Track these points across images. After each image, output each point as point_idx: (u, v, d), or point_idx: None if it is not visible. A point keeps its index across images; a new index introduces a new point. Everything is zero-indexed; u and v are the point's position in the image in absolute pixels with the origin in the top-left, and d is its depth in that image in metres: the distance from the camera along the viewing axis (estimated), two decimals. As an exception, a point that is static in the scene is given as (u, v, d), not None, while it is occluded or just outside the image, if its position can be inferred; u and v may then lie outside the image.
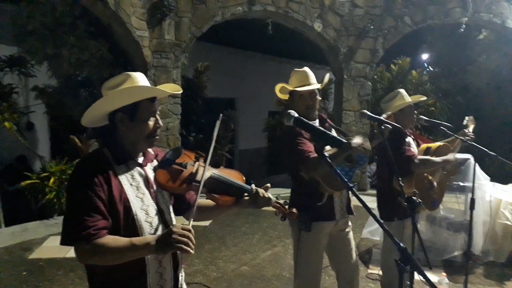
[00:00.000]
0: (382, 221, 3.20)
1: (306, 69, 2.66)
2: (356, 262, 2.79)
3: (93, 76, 6.92)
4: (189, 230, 1.30)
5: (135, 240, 1.35)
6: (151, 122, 1.52)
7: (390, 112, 2.88)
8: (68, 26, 6.28)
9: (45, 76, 6.97)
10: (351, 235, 2.76)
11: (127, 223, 1.43)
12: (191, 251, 1.27)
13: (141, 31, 6.67)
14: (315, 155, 2.33)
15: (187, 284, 1.72)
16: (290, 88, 2.62)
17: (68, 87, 7.09)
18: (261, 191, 1.66)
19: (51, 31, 6.22)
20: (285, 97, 2.73)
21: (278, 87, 2.71)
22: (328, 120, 2.77)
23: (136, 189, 1.49)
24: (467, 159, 4.58)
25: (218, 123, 1.66)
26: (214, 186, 1.58)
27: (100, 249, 1.33)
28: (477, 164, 3.39)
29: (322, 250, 2.67)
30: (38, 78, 7.06)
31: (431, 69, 10.69)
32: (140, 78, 1.52)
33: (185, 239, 1.27)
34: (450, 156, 3.07)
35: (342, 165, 2.49)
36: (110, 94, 1.47)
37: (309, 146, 2.40)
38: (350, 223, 2.77)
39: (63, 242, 1.39)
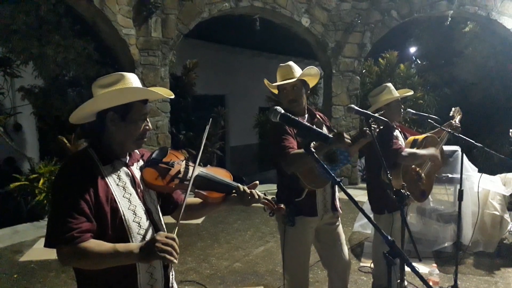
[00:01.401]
0: (372, 214, 3.25)
1: (290, 63, 2.66)
2: (348, 257, 2.78)
3: (80, 76, 6.84)
4: (173, 239, 1.28)
5: (119, 246, 1.33)
6: (141, 124, 1.51)
7: (382, 112, 2.89)
8: (53, 25, 6.20)
9: (31, 77, 6.88)
10: (340, 229, 2.76)
11: (114, 224, 1.42)
12: (175, 260, 1.26)
13: (128, 29, 6.60)
14: (296, 151, 2.37)
15: (180, 282, 1.72)
16: (273, 85, 2.67)
17: (55, 87, 7.00)
18: (248, 189, 1.65)
19: (35, 30, 6.13)
20: (276, 91, 2.76)
21: (266, 82, 2.77)
22: (318, 114, 2.77)
23: (123, 189, 1.48)
24: (455, 151, 4.64)
25: (207, 127, 1.69)
26: (202, 184, 1.58)
27: (82, 253, 1.31)
28: (464, 156, 3.43)
29: (308, 244, 2.67)
30: (24, 79, 6.96)
31: (419, 62, 10.78)
32: (133, 79, 1.52)
33: (169, 248, 1.26)
34: (437, 154, 3.11)
35: (325, 163, 2.50)
36: (104, 92, 1.46)
37: (291, 142, 2.43)
38: (339, 218, 2.76)
39: (47, 244, 1.37)
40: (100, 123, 1.49)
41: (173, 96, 1.63)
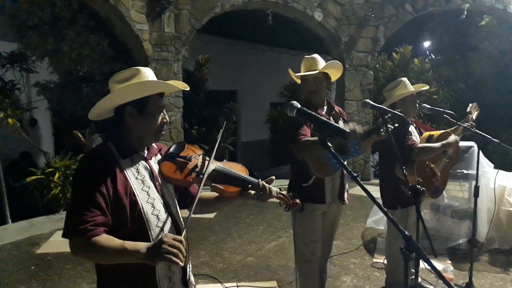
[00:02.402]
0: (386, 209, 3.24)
1: (315, 55, 2.77)
2: (331, 247, 3.06)
3: (94, 71, 6.92)
4: (180, 241, 1.28)
5: (127, 244, 1.34)
6: (158, 117, 1.54)
7: (399, 110, 2.88)
8: (68, 21, 6.26)
9: (47, 72, 6.98)
10: (337, 221, 2.97)
11: (133, 217, 1.44)
12: (181, 263, 1.26)
13: (141, 24, 6.64)
14: (307, 138, 2.48)
15: (194, 275, 1.74)
16: (297, 75, 2.77)
17: (69, 83, 7.10)
18: (266, 184, 1.65)
19: (50, 26, 6.21)
20: (299, 81, 2.87)
21: (290, 72, 2.89)
22: (336, 108, 2.83)
23: (141, 183, 1.50)
24: (471, 146, 4.57)
25: (221, 130, 1.76)
26: (219, 178, 1.60)
27: (92, 246, 1.33)
28: (480, 152, 3.38)
29: (317, 229, 2.79)
30: (40, 74, 7.07)
31: (433, 56, 10.62)
32: (148, 73, 1.54)
33: (175, 251, 1.25)
34: (450, 139, 3.06)
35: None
36: (121, 87, 1.48)
37: (304, 129, 2.52)
38: (341, 211, 2.96)
39: (63, 235, 1.40)
40: (119, 118, 1.51)
41: (188, 88, 1.64)
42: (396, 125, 2.63)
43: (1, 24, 6.48)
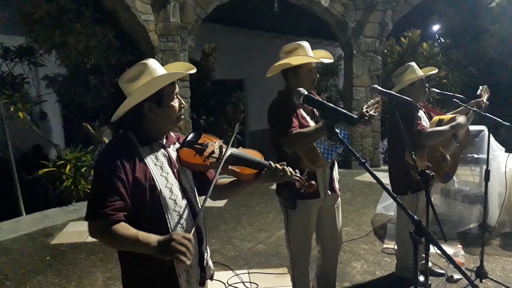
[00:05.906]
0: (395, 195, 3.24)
1: (306, 43, 2.57)
2: (340, 238, 2.90)
3: (101, 63, 6.93)
4: (189, 240, 1.30)
5: (140, 235, 1.39)
6: (175, 104, 1.60)
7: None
8: (74, 13, 6.27)
9: (54, 65, 7.02)
10: (339, 211, 2.81)
11: (152, 201, 1.51)
12: (188, 262, 1.28)
13: (146, 15, 6.62)
14: (298, 130, 2.35)
15: (206, 262, 1.78)
16: (303, 62, 2.49)
17: (77, 75, 7.13)
18: (281, 165, 1.71)
19: (57, 19, 6.22)
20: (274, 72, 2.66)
21: (280, 65, 2.57)
22: (315, 96, 2.73)
23: (160, 169, 1.57)
24: (481, 130, 4.53)
25: (237, 126, 1.80)
26: (235, 163, 1.65)
27: (108, 230, 1.40)
28: (491, 135, 3.35)
29: (311, 227, 2.70)
30: (48, 67, 7.11)
31: (442, 40, 10.44)
32: (155, 65, 1.58)
33: (183, 249, 1.28)
34: (459, 119, 3.01)
35: (325, 143, 2.50)
36: (138, 88, 1.52)
37: (293, 122, 2.40)
38: (339, 200, 2.79)
39: (85, 218, 1.48)
40: (138, 113, 1.56)
41: (195, 70, 1.66)
42: (377, 113, 2.59)
43: (8, 18, 6.50)
